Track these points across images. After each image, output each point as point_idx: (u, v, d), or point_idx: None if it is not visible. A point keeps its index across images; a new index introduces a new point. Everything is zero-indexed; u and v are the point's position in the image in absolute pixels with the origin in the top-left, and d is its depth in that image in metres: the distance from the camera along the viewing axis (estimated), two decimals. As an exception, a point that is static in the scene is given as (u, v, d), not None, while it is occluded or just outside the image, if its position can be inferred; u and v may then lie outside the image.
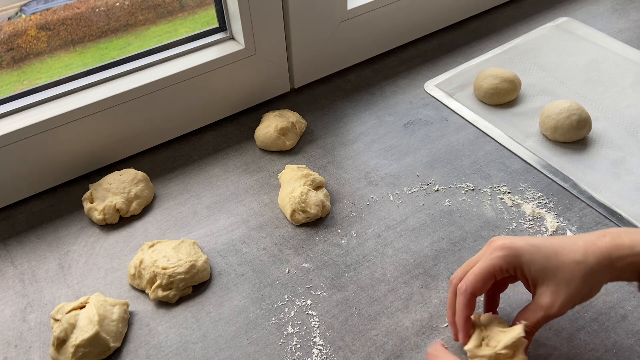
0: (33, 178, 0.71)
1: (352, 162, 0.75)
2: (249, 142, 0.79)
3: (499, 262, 0.45)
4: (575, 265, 0.44)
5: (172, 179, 0.74)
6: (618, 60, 0.88)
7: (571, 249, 0.45)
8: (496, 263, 0.45)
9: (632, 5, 1.02)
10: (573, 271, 0.44)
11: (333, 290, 0.60)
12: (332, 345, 0.55)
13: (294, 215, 0.66)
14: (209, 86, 0.77)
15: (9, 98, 0.69)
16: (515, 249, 0.45)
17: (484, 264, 0.46)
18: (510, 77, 0.80)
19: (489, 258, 0.46)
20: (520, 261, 0.45)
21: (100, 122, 0.71)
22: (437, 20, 0.97)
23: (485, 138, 0.77)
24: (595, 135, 0.75)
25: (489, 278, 0.46)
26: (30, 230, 0.69)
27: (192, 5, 0.82)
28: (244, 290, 0.61)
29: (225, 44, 0.78)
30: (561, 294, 0.44)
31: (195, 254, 0.61)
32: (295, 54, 0.82)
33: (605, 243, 0.44)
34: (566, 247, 0.45)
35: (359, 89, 0.88)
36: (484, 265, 0.46)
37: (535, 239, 0.47)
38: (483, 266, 0.46)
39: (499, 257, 0.45)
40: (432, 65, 0.91)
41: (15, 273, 0.64)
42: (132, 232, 0.68)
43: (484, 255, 0.47)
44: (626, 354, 0.53)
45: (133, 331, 0.58)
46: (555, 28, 0.96)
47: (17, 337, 0.57)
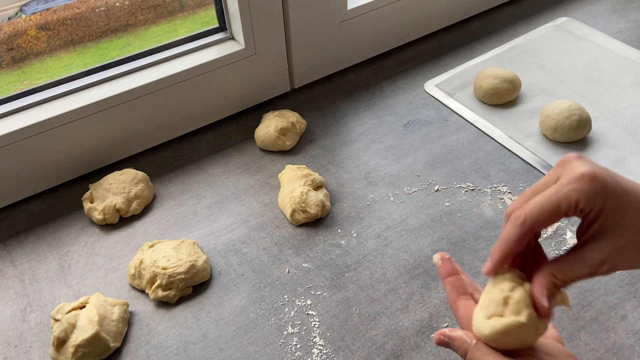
0: (33, 178, 0.71)
1: (352, 162, 0.75)
2: (249, 142, 0.79)
3: (578, 197, 0.34)
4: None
5: (172, 179, 0.74)
6: (618, 60, 0.88)
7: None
8: (573, 197, 0.34)
9: (632, 5, 1.02)
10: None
11: (333, 290, 0.60)
12: (332, 345, 0.55)
13: (294, 215, 0.66)
14: (209, 86, 0.77)
15: (9, 98, 0.69)
16: (604, 187, 0.34)
17: (556, 195, 0.35)
18: (510, 77, 0.80)
19: (566, 189, 0.34)
20: (605, 203, 0.34)
21: (100, 122, 0.71)
22: (437, 20, 0.97)
23: (485, 138, 0.77)
24: (595, 135, 0.75)
25: (558, 214, 0.35)
26: (30, 230, 0.69)
27: (192, 5, 0.82)
28: (244, 290, 0.61)
29: (225, 44, 0.78)
30: (627, 255, 0.35)
31: (195, 254, 0.61)
32: (295, 54, 0.82)
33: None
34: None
35: (359, 89, 0.88)
36: (556, 196, 0.35)
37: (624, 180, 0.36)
38: (554, 197, 0.35)
39: (581, 191, 0.34)
40: (432, 65, 0.91)
41: (15, 273, 0.64)
42: (132, 232, 0.68)
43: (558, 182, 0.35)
44: (626, 354, 0.53)
45: (133, 331, 0.58)
46: (555, 28, 0.96)
47: (17, 337, 0.57)
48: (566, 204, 0.34)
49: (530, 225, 0.36)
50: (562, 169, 0.36)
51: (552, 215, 0.35)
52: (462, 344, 0.38)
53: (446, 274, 0.42)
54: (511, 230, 0.36)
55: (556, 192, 0.35)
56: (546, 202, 0.35)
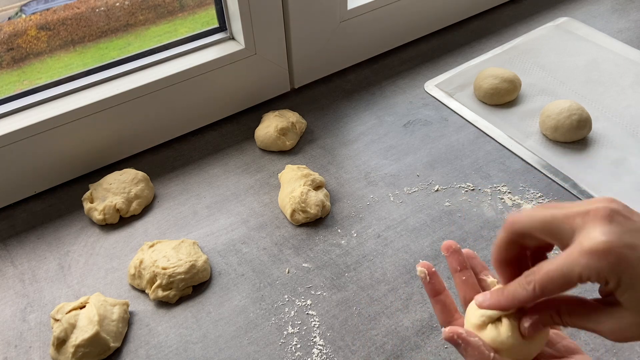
0: (33, 178, 0.71)
1: (352, 162, 0.75)
2: (249, 142, 0.79)
3: (588, 274, 0.31)
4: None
5: (172, 179, 0.74)
6: (618, 60, 0.88)
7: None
8: (584, 274, 0.31)
9: (632, 5, 1.02)
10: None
11: (333, 290, 0.60)
12: (332, 345, 0.55)
13: (294, 215, 0.66)
14: (209, 86, 0.77)
15: (9, 98, 0.69)
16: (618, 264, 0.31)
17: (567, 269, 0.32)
18: (510, 77, 0.80)
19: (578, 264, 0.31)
20: (619, 280, 0.31)
21: (100, 122, 0.71)
22: (437, 20, 0.97)
23: (485, 138, 0.77)
24: (595, 135, 0.75)
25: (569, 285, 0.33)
26: (30, 230, 0.69)
27: (192, 5, 0.82)
28: (244, 290, 0.61)
29: (225, 44, 0.78)
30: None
31: (195, 254, 0.61)
32: (295, 54, 0.82)
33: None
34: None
35: (359, 89, 0.88)
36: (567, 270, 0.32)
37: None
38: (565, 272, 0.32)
39: (591, 269, 0.31)
40: (432, 65, 0.91)
41: (15, 273, 0.64)
42: (132, 232, 0.68)
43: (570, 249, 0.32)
44: (626, 354, 0.53)
45: (133, 331, 0.58)
46: (555, 28, 0.96)
47: (17, 337, 0.57)
48: (577, 279, 0.32)
49: (540, 293, 0.33)
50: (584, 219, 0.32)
51: (562, 285, 0.33)
52: (480, 354, 0.35)
53: (435, 292, 0.39)
54: (522, 293, 0.34)
55: (565, 263, 0.32)
56: (558, 276, 0.32)
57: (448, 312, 0.39)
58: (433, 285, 0.39)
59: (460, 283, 0.39)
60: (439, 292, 0.39)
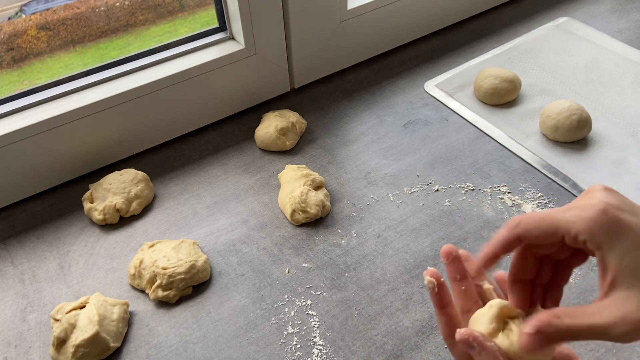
0: (33, 178, 0.71)
1: (352, 162, 0.75)
2: (249, 142, 0.79)
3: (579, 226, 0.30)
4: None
5: (172, 179, 0.74)
6: (618, 60, 0.88)
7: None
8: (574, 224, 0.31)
9: (632, 5, 1.02)
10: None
11: (333, 290, 0.60)
12: (332, 345, 0.55)
13: (294, 215, 0.66)
14: (209, 86, 0.77)
15: (9, 98, 0.69)
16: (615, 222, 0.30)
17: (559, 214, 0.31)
18: (510, 77, 0.80)
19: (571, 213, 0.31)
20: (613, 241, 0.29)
21: (100, 122, 0.71)
22: (437, 20, 0.97)
23: (485, 138, 0.77)
24: (595, 135, 0.75)
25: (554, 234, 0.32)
26: (30, 230, 0.69)
27: (192, 5, 0.82)
28: (244, 290, 0.61)
29: (225, 44, 0.78)
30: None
31: (195, 254, 0.61)
32: (295, 54, 0.82)
33: None
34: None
35: (359, 89, 0.88)
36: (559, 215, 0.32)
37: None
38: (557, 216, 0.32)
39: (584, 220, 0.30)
40: (432, 65, 0.91)
41: (15, 273, 0.64)
42: (132, 232, 0.68)
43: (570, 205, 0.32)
44: (626, 354, 0.53)
45: (133, 331, 0.58)
46: (555, 28, 0.96)
47: (17, 337, 0.57)
48: (565, 228, 0.31)
49: (522, 230, 0.33)
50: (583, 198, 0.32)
51: (547, 232, 0.32)
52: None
53: (442, 305, 0.38)
54: (502, 230, 0.34)
55: (561, 212, 0.31)
56: (547, 218, 0.32)
57: (453, 325, 0.37)
58: (441, 298, 0.38)
59: (459, 293, 0.38)
60: (447, 305, 0.38)
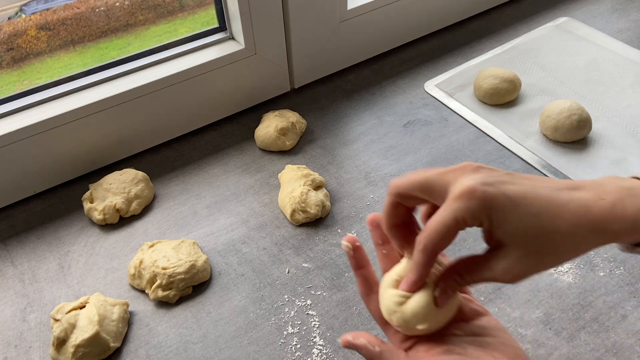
0: (33, 178, 0.71)
1: (352, 162, 0.75)
2: (249, 142, 0.79)
3: (463, 216, 0.34)
4: (558, 237, 0.34)
5: (172, 179, 0.74)
6: (618, 60, 0.88)
7: (556, 213, 0.34)
8: (459, 216, 0.35)
9: (632, 5, 1.02)
10: (553, 244, 0.34)
11: (333, 290, 0.60)
12: (332, 345, 0.55)
13: (294, 215, 0.66)
14: (208, 86, 0.77)
15: (9, 98, 0.69)
16: (486, 201, 0.34)
17: (444, 217, 0.35)
18: (510, 77, 0.80)
19: (450, 209, 0.35)
20: (490, 217, 0.34)
21: (100, 122, 0.71)
22: (437, 20, 0.97)
23: (485, 138, 0.77)
24: (595, 135, 0.75)
25: (453, 234, 0.36)
26: (30, 230, 0.69)
27: (192, 5, 0.82)
28: (244, 290, 0.61)
29: (225, 44, 0.78)
30: (526, 264, 0.35)
31: (195, 254, 0.61)
32: (295, 54, 0.82)
33: (601, 210, 0.34)
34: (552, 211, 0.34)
35: (359, 89, 0.88)
36: (443, 217, 0.35)
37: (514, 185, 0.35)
38: (443, 219, 0.35)
39: (463, 209, 0.34)
40: (432, 65, 0.91)
41: (15, 273, 0.64)
42: (132, 232, 0.68)
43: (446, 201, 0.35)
44: (626, 354, 0.53)
45: (133, 331, 0.58)
46: (555, 28, 0.96)
47: (17, 337, 0.57)
48: (454, 223, 0.35)
49: (434, 251, 0.36)
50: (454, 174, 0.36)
51: (445, 234, 0.35)
52: (367, 352, 0.38)
53: (358, 266, 0.41)
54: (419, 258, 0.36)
55: (444, 212, 0.35)
56: (439, 226, 0.35)
57: (368, 285, 0.41)
58: (357, 260, 0.41)
59: (381, 256, 0.42)
60: (362, 266, 0.41)
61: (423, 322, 0.37)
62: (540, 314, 0.56)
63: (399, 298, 0.38)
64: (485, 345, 0.37)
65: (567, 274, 0.60)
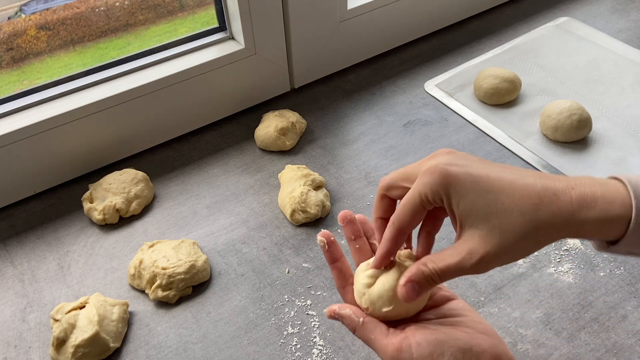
0: (33, 178, 0.71)
1: (352, 162, 0.75)
2: (249, 142, 0.79)
3: (424, 190, 0.36)
4: (519, 216, 0.33)
5: (172, 179, 0.74)
6: (618, 60, 0.88)
7: (520, 193, 0.34)
8: (422, 191, 0.36)
9: (632, 5, 1.02)
10: (513, 223, 0.33)
11: (333, 290, 0.60)
12: (332, 345, 0.55)
13: (294, 215, 0.66)
14: (208, 86, 0.77)
15: (9, 98, 0.69)
16: (445, 176, 0.35)
17: (410, 194, 0.37)
18: (511, 77, 0.80)
19: (415, 185, 0.37)
20: (448, 192, 0.35)
21: (100, 122, 0.71)
22: (437, 20, 0.97)
23: (486, 138, 0.77)
24: (595, 135, 0.75)
25: (418, 211, 0.37)
26: (30, 230, 0.69)
27: (192, 5, 0.82)
28: (244, 290, 0.61)
29: (225, 43, 0.78)
30: (488, 244, 0.34)
31: (195, 254, 0.61)
32: (295, 54, 0.82)
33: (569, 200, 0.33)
34: (514, 189, 0.34)
35: (359, 89, 0.88)
36: (409, 195, 0.37)
37: (480, 166, 0.36)
38: (408, 196, 0.37)
39: (424, 184, 0.36)
40: (432, 65, 0.91)
41: (15, 273, 0.64)
42: (132, 232, 0.68)
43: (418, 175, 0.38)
44: (626, 354, 0.53)
45: (133, 331, 0.58)
46: (555, 28, 0.96)
47: (17, 337, 0.57)
48: (419, 198, 0.36)
49: (400, 226, 0.38)
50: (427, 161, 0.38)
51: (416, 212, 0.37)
52: (351, 322, 0.40)
53: (332, 259, 0.43)
54: (387, 233, 0.39)
55: (410, 191, 0.37)
56: (405, 201, 0.37)
57: (343, 277, 0.43)
58: (331, 254, 0.43)
59: (354, 250, 0.44)
60: (336, 259, 0.43)
61: (388, 305, 0.39)
62: (541, 314, 0.56)
63: (367, 279, 0.40)
64: (456, 324, 0.39)
65: (567, 274, 0.60)
